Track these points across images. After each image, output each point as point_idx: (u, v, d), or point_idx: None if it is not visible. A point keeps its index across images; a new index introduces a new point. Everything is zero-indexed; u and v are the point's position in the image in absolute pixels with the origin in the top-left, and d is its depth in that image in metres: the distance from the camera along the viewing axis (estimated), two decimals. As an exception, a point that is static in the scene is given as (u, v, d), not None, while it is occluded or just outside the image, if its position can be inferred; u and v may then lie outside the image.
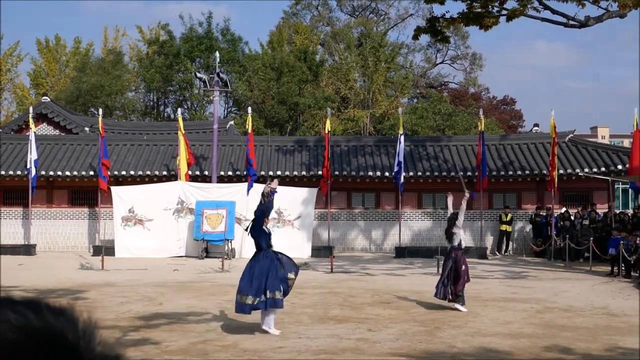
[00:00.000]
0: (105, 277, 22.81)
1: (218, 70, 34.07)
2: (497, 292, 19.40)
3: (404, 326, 13.98)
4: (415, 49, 66.26)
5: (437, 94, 60.44)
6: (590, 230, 29.26)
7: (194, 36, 58.61)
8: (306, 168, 33.97)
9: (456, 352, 11.64)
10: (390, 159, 34.19)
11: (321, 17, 66.29)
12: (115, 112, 59.36)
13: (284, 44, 59.98)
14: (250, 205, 30.99)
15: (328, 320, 14.74)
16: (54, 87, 61.67)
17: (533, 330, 13.60)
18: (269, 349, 11.80)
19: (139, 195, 31.54)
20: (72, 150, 35.17)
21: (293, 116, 55.46)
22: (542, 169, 32.85)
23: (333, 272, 24.28)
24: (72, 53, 64.25)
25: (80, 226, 34.21)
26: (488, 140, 34.02)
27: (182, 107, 57.58)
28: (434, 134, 48.97)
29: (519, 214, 33.90)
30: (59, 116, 43.51)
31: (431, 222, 34.11)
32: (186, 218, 31.32)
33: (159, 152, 35.35)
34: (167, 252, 30.54)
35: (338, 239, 33.80)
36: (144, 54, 62.18)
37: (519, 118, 72.31)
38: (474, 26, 25.69)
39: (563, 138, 34.18)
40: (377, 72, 56.11)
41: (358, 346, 12.07)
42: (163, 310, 15.93)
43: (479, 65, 68.83)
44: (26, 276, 22.51)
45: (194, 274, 23.83)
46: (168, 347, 11.94)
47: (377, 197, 34.46)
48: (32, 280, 21.20)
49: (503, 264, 28.21)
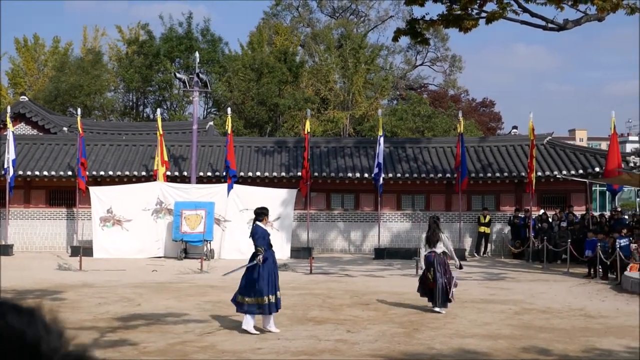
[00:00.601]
0: (83, 277, 22.68)
1: (198, 71, 33.98)
2: (476, 293, 19.47)
3: (383, 327, 14.00)
4: (395, 50, 66.50)
5: (416, 95, 60.66)
6: (568, 232, 29.44)
7: (173, 36, 58.46)
8: (286, 169, 33.96)
9: (435, 353, 11.68)
10: (370, 161, 34.24)
11: (301, 18, 66.31)
12: (94, 112, 59.07)
13: (264, 45, 59.93)
14: (230, 206, 31.04)
15: (307, 321, 14.73)
16: (32, 87, 61.31)
17: (511, 331, 13.66)
18: (248, 350, 11.78)
19: (117, 196, 31.39)
20: (50, 150, 34.96)
21: (273, 117, 55.43)
22: (520, 171, 33.02)
23: (312, 273, 24.27)
24: (51, 52, 63.89)
25: (58, 226, 34.01)
26: (467, 142, 34.17)
27: (162, 108, 57.30)
28: (414, 136, 49.16)
29: (498, 215, 34.05)
30: (37, 116, 43.21)
31: (410, 223, 34.19)
32: (165, 219, 31.22)
33: (138, 152, 35.20)
34: (145, 253, 30.42)
35: (317, 240, 33.81)
36: (124, 53, 61.96)
37: (497, 120, 72.72)
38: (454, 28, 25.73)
39: (541, 140, 34.37)
40: (357, 74, 56.18)
41: (337, 347, 12.07)
42: (141, 311, 15.85)
43: (459, 68, 69.21)
44: (3, 277, 22.31)
45: (173, 275, 23.75)
46: (146, 348, 11.89)
47: (357, 199, 34.51)
48: (9, 281, 21.03)
49: (481, 266, 28.31)
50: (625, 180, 30.10)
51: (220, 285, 20.36)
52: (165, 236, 31.04)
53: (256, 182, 33.07)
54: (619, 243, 22.91)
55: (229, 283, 21.47)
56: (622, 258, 21.98)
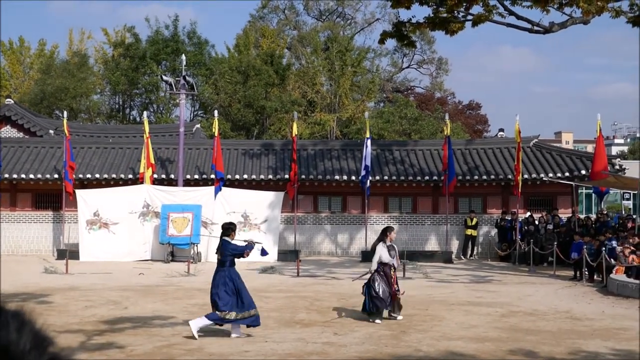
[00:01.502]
0: (70, 281, 22.60)
1: (184, 73, 33.92)
2: (463, 296, 19.52)
3: (370, 330, 14.02)
4: (381, 53, 66.57)
5: (403, 98, 60.80)
6: (554, 235, 29.54)
7: (160, 39, 58.41)
8: (273, 172, 33.94)
9: (422, 355, 11.71)
10: (357, 163, 34.27)
11: (288, 21, 66.36)
12: (80, 115, 58.88)
13: (251, 48, 59.93)
14: (217, 209, 31.00)
15: (294, 324, 14.74)
16: (17, 89, 61.05)
17: (498, 334, 13.71)
18: (235, 353, 11.77)
19: (104, 199, 31.29)
20: (36, 153, 34.81)
21: (259, 120, 55.42)
22: (507, 174, 33.12)
23: (299, 276, 24.27)
24: (37, 55, 63.69)
25: (44, 230, 33.87)
26: (454, 144, 34.23)
27: (148, 110, 57.23)
28: (400, 138, 49.22)
29: (484, 218, 34.13)
30: (22, 118, 43.04)
31: (397, 226, 34.14)
32: (152, 221, 31.14)
33: (124, 155, 35.11)
34: (132, 256, 30.33)
35: (304, 242, 33.80)
36: (110, 56, 61.84)
37: (484, 123, 72.97)
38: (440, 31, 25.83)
39: (528, 143, 34.48)
40: (343, 76, 56.25)
41: (324, 350, 12.08)
42: (128, 314, 15.82)
43: (445, 70, 69.40)
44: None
45: (160, 278, 23.70)
46: (133, 351, 11.87)
47: (344, 201, 34.52)
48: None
49: (468, 268, 28.37)
50: (611, 182, 30.26)
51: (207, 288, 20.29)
52: (152, 239, 30.95)
53: (243, 184, 33.03)
54: (609, 245, 23.03)
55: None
56: (607, 260, 22.08)
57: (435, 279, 23.78)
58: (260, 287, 21.06)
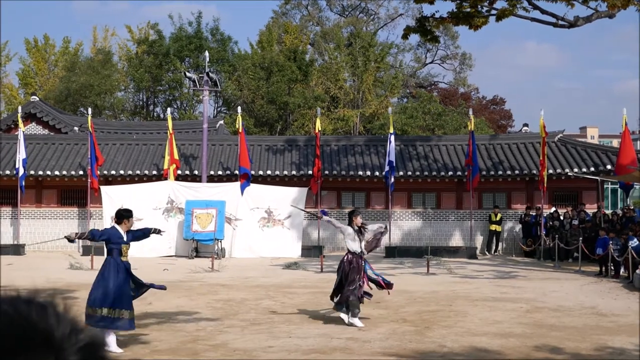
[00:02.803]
0: (95, 276, 22.68)
1: (207, 70, 34.02)
2: (487, 291, 19.43)
3: (394, 326, 13.99)
4: (404, 48, 66.42)
5: (426, 93, 60.56)
6: (580, 230, 29.33)
7: (183, 36, 58.53)
8: (296, 167, 33.95)
9: (446, 351, 11.66)
10: (380, 159, 34.21)
11: (311, 17, 66.32)
12: (104, 112, 59.19)
13: (274, 44, 59.92)
14: (241, 205, 31.08)
15: (318, 319, 14.73)
16: (42, 87, 61.47)
17: (522, 329, 13.63)
18: (258, 349, 11.78)
19: (128, 195, 31.44)
20: (61, 150, 35.06)
21: (283, 116, 55.44)
22: (531, 169, 32.92)
23: (323, 272, 24.26)
24: (61, 53, 64.06)
25: (69, 226, 34.07)
26: (478, 140, 34.08)
27: (172, 107, 57.42)
28: (424, 134, 49.06)
29: (509, 213, 33.96)
30: (48, 115, 43.36)
31: (421, 221, 34.14)
32: (176, 217, 31.27)
33: (148, 151, 35.27)
34: (156, 252, 30.46)
35: (328, 238, 33.79)
36: (133, 53, 62.06)
37: (508, 118, 72.54)
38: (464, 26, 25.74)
39: (552, 138, 34.26)
40: (366, 72, 56.13)
41: (348, 345, 12.06)
42: (153, 309, 15.89)
43: (469, 65, 69.04)
44: (15, 276, 22.41)
45: (184, 274, 23.78)
46: (157, 346, 11.92)
47: (367, 197, 34.48)
48: (21, 280, 21.12)
49: (492, 264, 28.25)
50: (637, 177, 29.98)
51: (231, 283, 20.39)
52: (176, 235, 31.09)
53: (267, 180, 33.07)
54: (632, 241, 22.84)
55: (240, 281, 21.51)
56: (634, 256, 21.90)
57: (460, 275, 23.69)
58: (284, 283, 21.10)
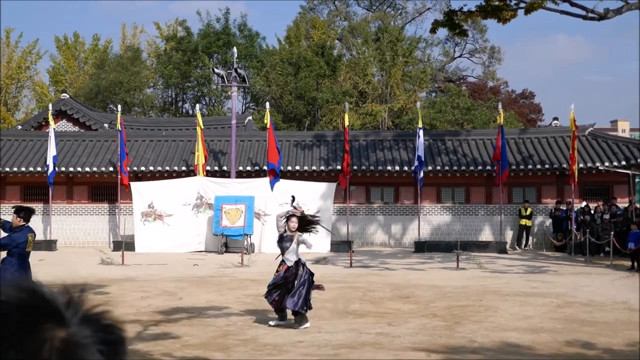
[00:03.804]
0: (126, 272, 22.92)
1: (236, 66, 34.09)
2: (517, 286, 19.33)
3: (424, 321, 13.96)
4: (433, 42, 66.01)
5: (455, 88, 60.28)
6: (611, 225, 29.08)
7: (211, 32, 58.69)
8: (325, 163, 33.96)
9: (476, 346, 11.61)
10: (409, 154, 34.13)
11: (338, 12, 66.18)
12: (134, 109, 59.58)
13: (302, 39, 59.91)
14: (269, 200, 31.14)
15: (347, 314, 14.74)
16: (73, 84, 61.96)
17: (553, 325, 13.54)
18: (288, 343, 11.81)
19: (158, 191, 31.66)
20: (91, 147, 35.34)
21: (311, 111, 55.45)
22: (561, 163, 32.68)
23: (352, 267, 24.27)
24: (91, 50, 64.53)
25: (100, 222, 34.39)
26: (507, 134, 33.89)
27: (200, 103, 57.48)
28: (453, 128, 48.87)
29: (539, 208, 33.74)
30: (78, 113, 43.73)
31: (450, 216, 34.03)
32: (205, 213, 31.42)
33: (177, 147, 35.45)
34: (186, 247, 30.65)
35: (357, 233, 33.78)
36: (162, 50, 62.36)
37: (538, 112, 71.96)
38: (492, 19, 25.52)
39: (583, 132, 33.97)
40: (394, 67, 55.97)
41: (378, 340, 12.06)
42: (183, 304, 15.98)
43: (498, 59, 68.48)
44: (47, 271, 22.61)
45: (214, 269, 23.89)
46: (188, 341, 11.98)
47: (396, 192, 34.42)
48: (52, 276, 21.32)
49: (523, 259, 28.10)
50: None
51: (261, 278, 20.43)
52: (206, 230, 31.24)
53: (295, 176, 33.12)
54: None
55: (269, 277, 21.54)
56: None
57: (490, 270, 23.59)
58: (313, 278, 21.10)
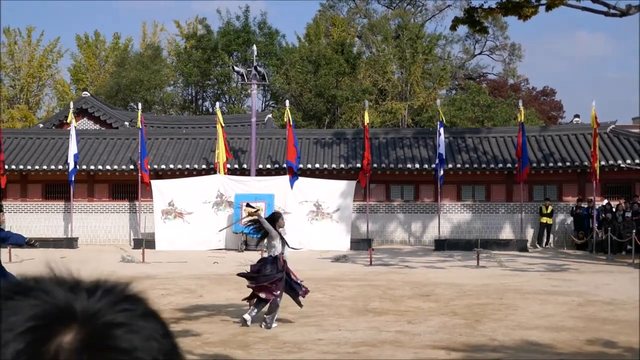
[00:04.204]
0: (146, 269, 23.02)
1: (255, 64, 34.13)
2: (538, 285, 19.23)
3: (444, 319, 13.92)
4: (453, 40, 65.78)
5: (475, 85, 60.03)
6: (633, 223, 28.87)
7: (231, 30, 58.79)
8: (344, 160, 33.95)
9: (497, 345, 11.57)
10: (429, 151, 34.05)
11: (358, 9, 66.09)
12: (154, 107, 59.76)
13: (321, 37, 59.89)
14: (289, 198, 31.16)
15: (367, 312, 14.72)
16: (93, 82, 62.27)
17: (574, 323, 13.46)
18: (308, 341, 11.81)
19: (178, 189, 31.77)
20: (112, 145, 35.51)
21: (331, 109, 55.42)
22: (583, 161, 32.49)
23: (372, 265, 24.25)
24: (111, 48, 64.85)
25: (121, 219, 34.54)
26: (528, 131, 33.73)
27: (220, 101, 57.73)
28: (473, 126, 48.67)
29: (560, 206, 33.56)
30: (99, 111, 43.97)
31: (471, 214, 33.91)
32: (225, 211, 31.48)
33: (197, 145, 35.55)
34: (206, 245, 30.72)
35: (377, 231, 33.75)
36: (182, 48, 62.53)
37: (559, 109, 71.56)
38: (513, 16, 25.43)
39: (604, 129, 33.75)
40: (414, 64, 55.82)
41: (397, 338, 12.04)
42: (203, 302, 16.03)
43: (518, 56, 68.16)
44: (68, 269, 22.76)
45: (234, 267, 23.91)
46: (208, 338, 12.02)
47: (416, 190, 34.34)
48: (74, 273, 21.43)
49: (544, 257, 27.97)
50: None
51: (281, 276, 20.40)
52: (226, 228, 31.30)
53: (315, 174, 33.12)
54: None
55: (289, 275, 21.56)
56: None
57: (510, 268, 23.50)
58: (333, 276, 21.12)
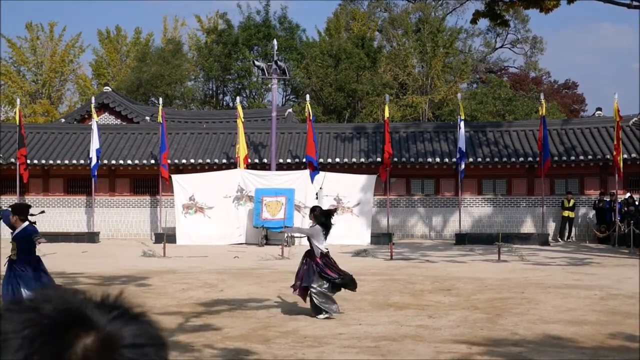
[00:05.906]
0: (167, 264, 23.10)
1: (276, 58, 34.11)
2: (560, 278, 19.13)
3: (465, 313, 13.87)
4: (474, 33, 65.53)
5: (496, 78, 59.72)
6: (656, 216, 28.67)
7: (251, 25, 58.84)
8: (365, 155, 33.90)
9: (518, 339, 11.51)
10: (450, 145, 33.94)
11: (379, 3, 65.92)
12: (175, 101, 59.97)
13: (342, 31, 59.83)
14: (309, 193, 31.15)
15: (388, 307, 14.70)
16: (115, 77, 62.53)
17: (597, 317, 13.37)
18: (329, 336, 11.81)
19: (199, 184, 31.85)
20: (133, 139, 35.65)
21: (351, 103, 55.37)
22: (605, 154, 32.27)
23: (393, 259, 24.21)
24: (133, 43, 65.07)
25: (142, 214, 34.69)
26: (550, 125, 33.53)
27: (241, 96, 57.71)
28: (494, 120, 48.44)
29: (582, 199, 33.36)
30: (120, 106, 44.14)
31: (492, 208, 33.78)
32: (246, 205, 31.53)
33: (218, 140, 35.62)
34: (227, 240, 30.79)
35: (397, 225, 33.69)
36: (203, 43, 62.65)
37: (581, 102, 71.07)
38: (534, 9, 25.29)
39: (627, 122, 33.49)
40: (435, 58, 55.66)
41: (418, 333, 12.01)
42: (224, 296, 16.06)
43: (540, 49, 67.79)
44: (90, 263, 22.92)
45: (254, 261, 23.99)
46: (229, 332, 12.04)
47: (437, 184, 34.24)
48: (95, 267, 21.58)
49: (566, 251, 27.81)
50: None
51: (301, 271, 20.41)
52: (246, 223, 31.35)
53: (335, 168, 33.11)
54: None
55: (309, 269, 21.56)
56: None
57: (532, 262, 23.37)
58: (353, 270, 21.01)
